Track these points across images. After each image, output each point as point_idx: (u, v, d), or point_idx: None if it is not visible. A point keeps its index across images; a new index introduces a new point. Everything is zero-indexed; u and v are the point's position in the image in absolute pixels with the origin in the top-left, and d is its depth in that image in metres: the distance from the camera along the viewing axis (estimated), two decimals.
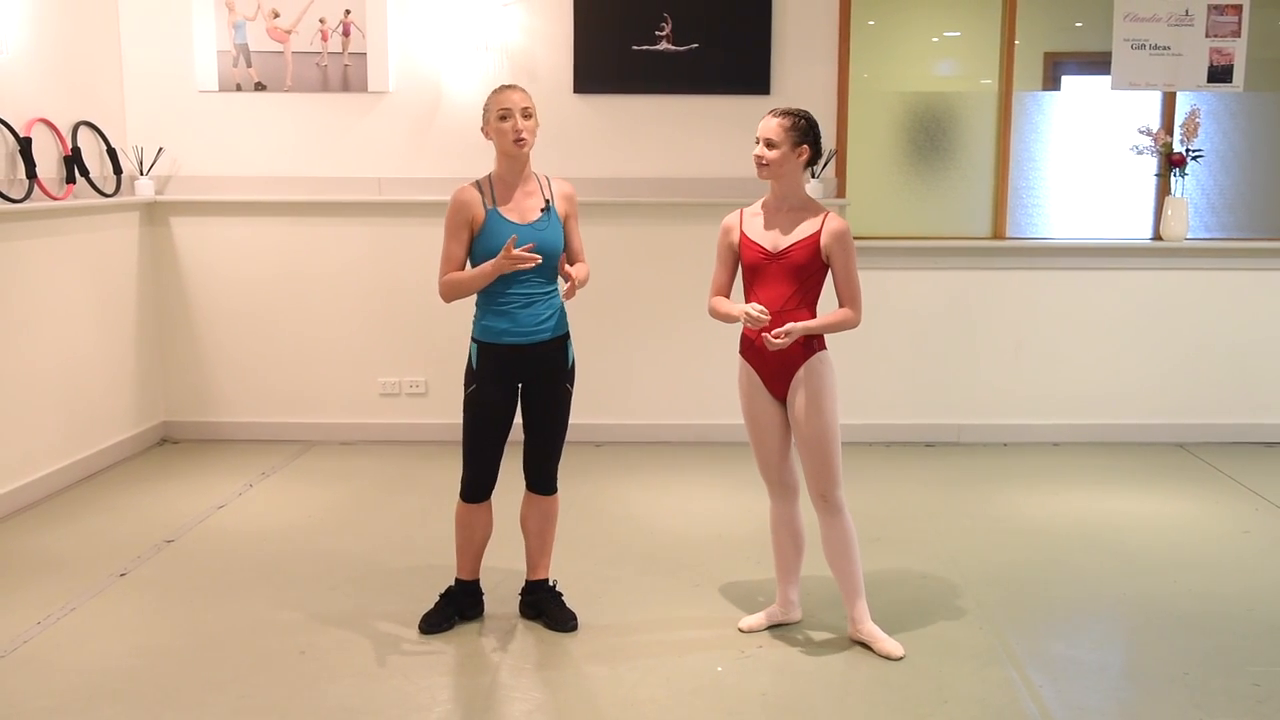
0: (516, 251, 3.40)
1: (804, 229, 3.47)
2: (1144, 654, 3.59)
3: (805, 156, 3.47)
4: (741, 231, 3.54)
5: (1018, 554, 4.43)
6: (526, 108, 3.54)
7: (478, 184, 3.58)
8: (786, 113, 3.46)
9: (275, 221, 6.01)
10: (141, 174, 5.89)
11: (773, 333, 3.37)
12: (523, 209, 3.57)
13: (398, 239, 6.01)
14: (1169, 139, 5.87)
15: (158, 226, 6.02)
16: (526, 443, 3.76)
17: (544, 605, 3.78)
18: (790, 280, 3.46)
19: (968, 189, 6.08)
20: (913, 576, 4.20)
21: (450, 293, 3.59)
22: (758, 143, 3.46)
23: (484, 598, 3.82)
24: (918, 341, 6.00)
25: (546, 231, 3.56)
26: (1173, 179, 5.89)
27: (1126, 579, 4.17)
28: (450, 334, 6.05)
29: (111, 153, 5.73)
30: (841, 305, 3.50)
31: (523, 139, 3.52)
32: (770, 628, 3.71)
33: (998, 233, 6.05)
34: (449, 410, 6.12)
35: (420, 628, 3.67)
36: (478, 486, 3.69)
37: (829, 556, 3.60)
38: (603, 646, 3.61)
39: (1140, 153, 5.90)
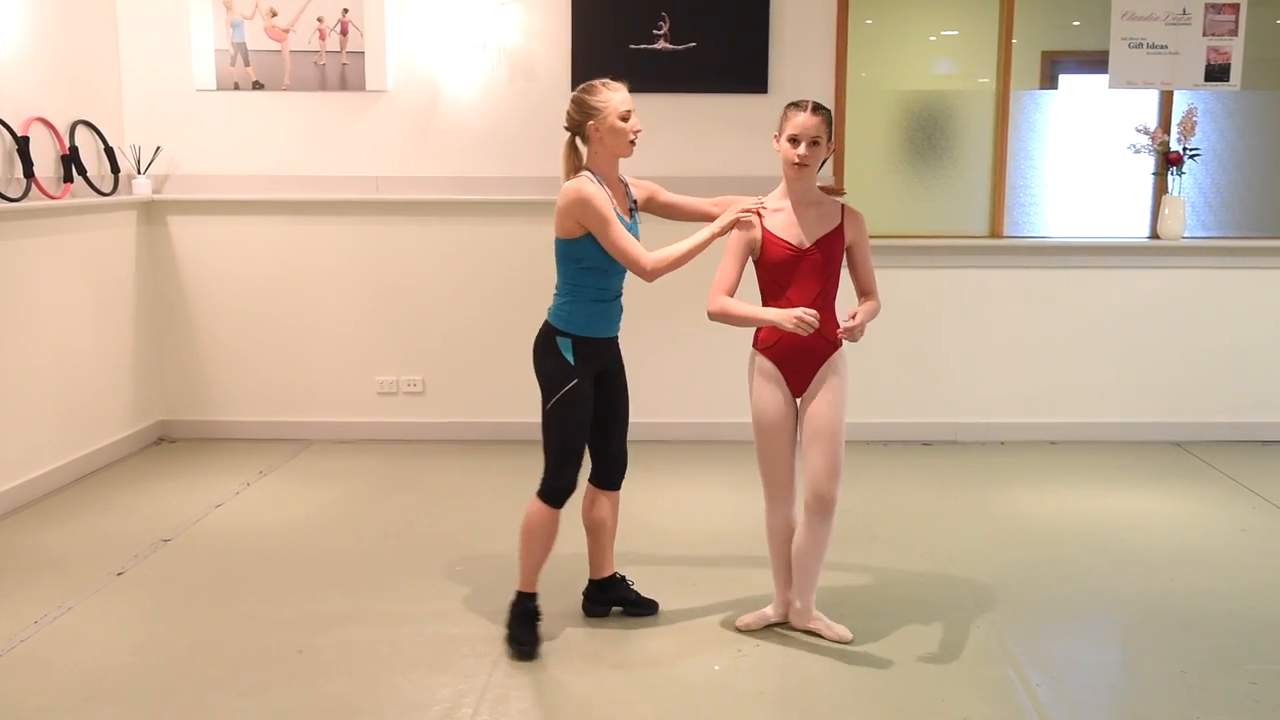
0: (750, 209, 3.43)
1: (828, 222, 3.48)
2: (1141, 652, 3.59)
3: (831, 150, 3.52)
4: (764, 228, 3.49)
5: (1015, 552, 4.44)
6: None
7: (595, 181, 3.46)
8: (818, 108, 3.45)
9: (273, 220, 6.01)
10: (139, 173, 5.89)
11: (844, 329, 3.39)
12: (623, 211, 3.53)
13: (395, 238, 6.01)
14: (1166, 138, 5.88)
15: (155, 225, 6.02)
16: (605, 438, 3.69)
17: (628, 595, 3.83)
18: (820, 276, 3.46)
19: (965, 188, 6.08)
20: (910, 574, 4.20)
21: (669, 268, 3.41)
22: (796, 141, 3.41)
23: None
24: (915, 340, 6.00)
25: (636, 230, 3.57)
26: (1170, 178, 5.89)
27: (1124, 577, 4.18)
28: (448, 332, 6.06)
29: (109, 151, 5.73)
30: (864, 294, 3.54)
31: (635, 141, 3.49)
32: (767, 627, 3.71)
33: (995, 231, 6.05)
34: (446, 409, 6.12)
35: (522, 655, 3.50)
36: (571, 489, 3.56)
37: (806, 552, 3.56)
38: (601, 645, 3.61)
39: (1138, 151, 5.90)
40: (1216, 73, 5.84)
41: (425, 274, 6.02)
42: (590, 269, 3.48)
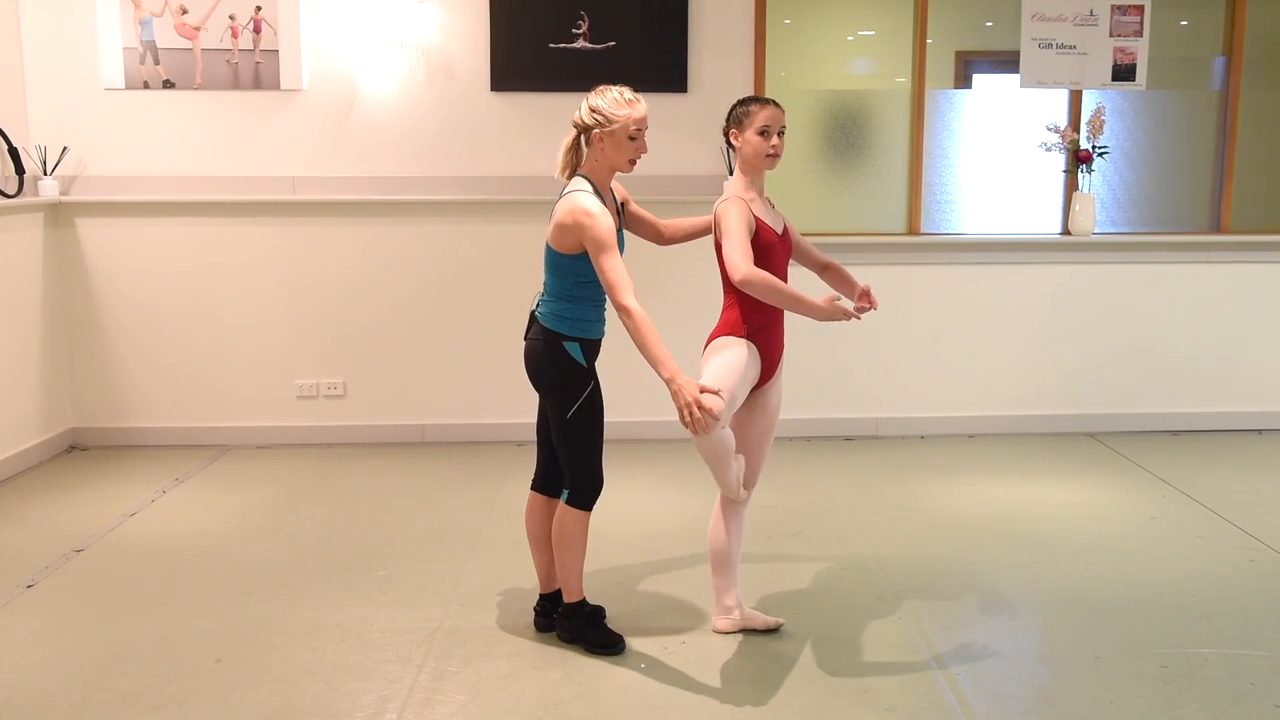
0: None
1: (778, 212, 3.57)
2: (1057, 639, 3.67)
3: None
4: (754, 214, 3.45)
5: (935, 544, 4.51)
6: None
7: (597, 193, 3.40)
8: (775, 101, 3.52)
9: (186, 222, 5.88)
10: (45, 174, 5.73)
11: (866, 299, 3.48)
12: (612, 214, 3.47)
13: (313, 239, 5.92)
14: (1076, 136, 6.01)
15: (63, 228, 5.86)
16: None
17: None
18: (787, 264, 3.54)
19: (883, 186, 6.16)
20: (832, 568, 4.25)
21: (639, 329, 3.22)
22: (765, 133, 3.44)
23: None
24: (836, 336, 6.06)
25: (622, 240, 3.50)
26: (1080, 175, 6.03)
27: (1040, 566, 4.26)
28: (368, 334, 5.99)
29: (13, 152, 5.56)
30: (824, 266, 3.69)
31: (636, 162, 3.45)
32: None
33: (912, 228, 6.14)
34: (367, 412, 6.05)
35: (615, 652, 3.52)
36: (601, 487, 3.54)
37: (737, 545, 3.63)
38: (525, 645, 3.59)
39: (1049, 149, 6.03)
40: (1123, 73, 5.99)
41: (344, 275, 5.95)
42: (588, 282, 3.43)
